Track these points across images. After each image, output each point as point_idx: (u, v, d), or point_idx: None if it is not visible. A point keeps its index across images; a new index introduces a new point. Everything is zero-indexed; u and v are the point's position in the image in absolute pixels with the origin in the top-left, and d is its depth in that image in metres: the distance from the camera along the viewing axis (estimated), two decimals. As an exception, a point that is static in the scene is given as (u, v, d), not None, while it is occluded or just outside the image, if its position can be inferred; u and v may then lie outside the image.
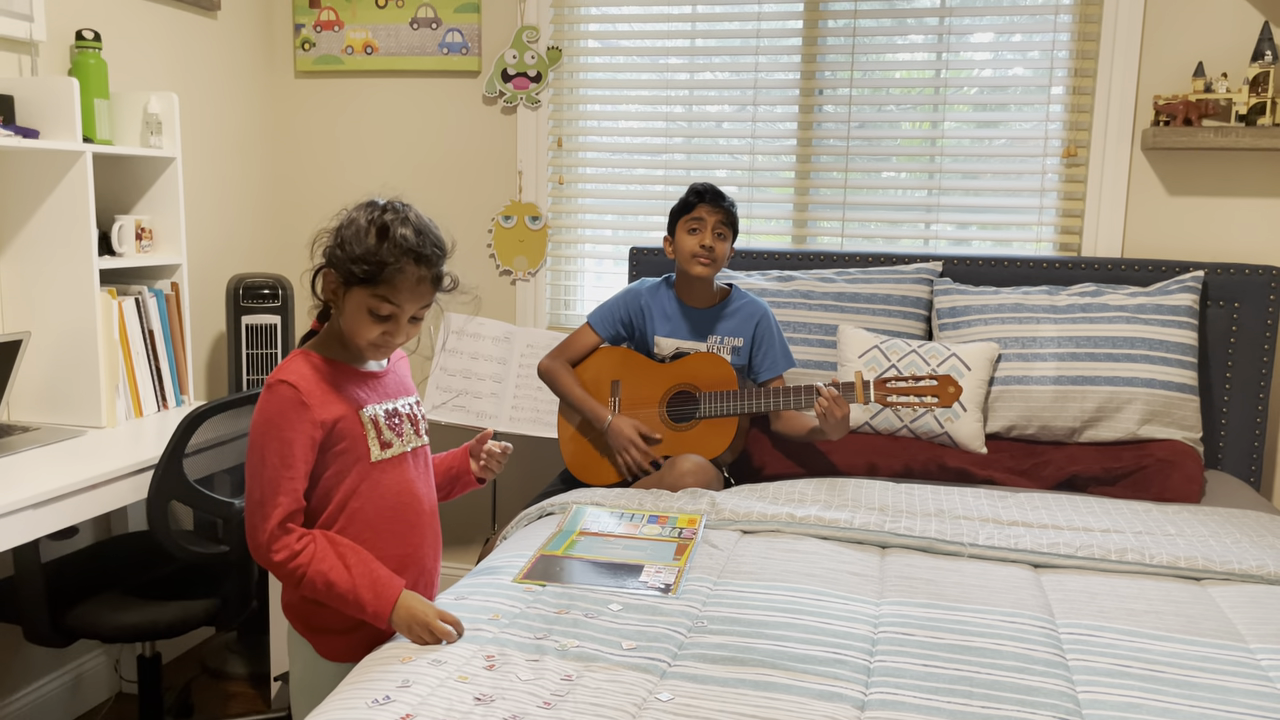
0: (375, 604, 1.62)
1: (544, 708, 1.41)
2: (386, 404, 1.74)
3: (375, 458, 1.70)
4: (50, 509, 1.98)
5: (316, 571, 1.62)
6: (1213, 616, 1.77)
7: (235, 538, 2.25)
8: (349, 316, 1.67)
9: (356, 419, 1.68)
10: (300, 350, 1.71)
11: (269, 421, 1.63)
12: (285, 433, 1.62)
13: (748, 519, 2.20)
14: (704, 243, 2.53)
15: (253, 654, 3.02)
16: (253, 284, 2.91)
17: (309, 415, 1.63)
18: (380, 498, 1.71)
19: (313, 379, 1.65)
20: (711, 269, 2.56)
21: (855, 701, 1.46)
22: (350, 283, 1.64)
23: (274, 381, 1.64)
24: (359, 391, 1.71)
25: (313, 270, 1.70)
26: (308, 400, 1.63)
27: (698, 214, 2.55)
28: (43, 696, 2.70)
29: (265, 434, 1.63)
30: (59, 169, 2.38)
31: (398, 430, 1.74)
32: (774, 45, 3.19)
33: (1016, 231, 3.11)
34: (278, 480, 1.62)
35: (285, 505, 1.62)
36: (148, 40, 2.94)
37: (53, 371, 2.46)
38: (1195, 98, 2.77)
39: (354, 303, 1.65)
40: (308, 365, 1.67)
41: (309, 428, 1.63)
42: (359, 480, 1.69)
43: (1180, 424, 2.63)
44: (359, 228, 1.64)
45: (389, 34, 3.40)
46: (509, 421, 3.07)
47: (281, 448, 1.62)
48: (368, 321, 1.66)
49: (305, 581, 1.63)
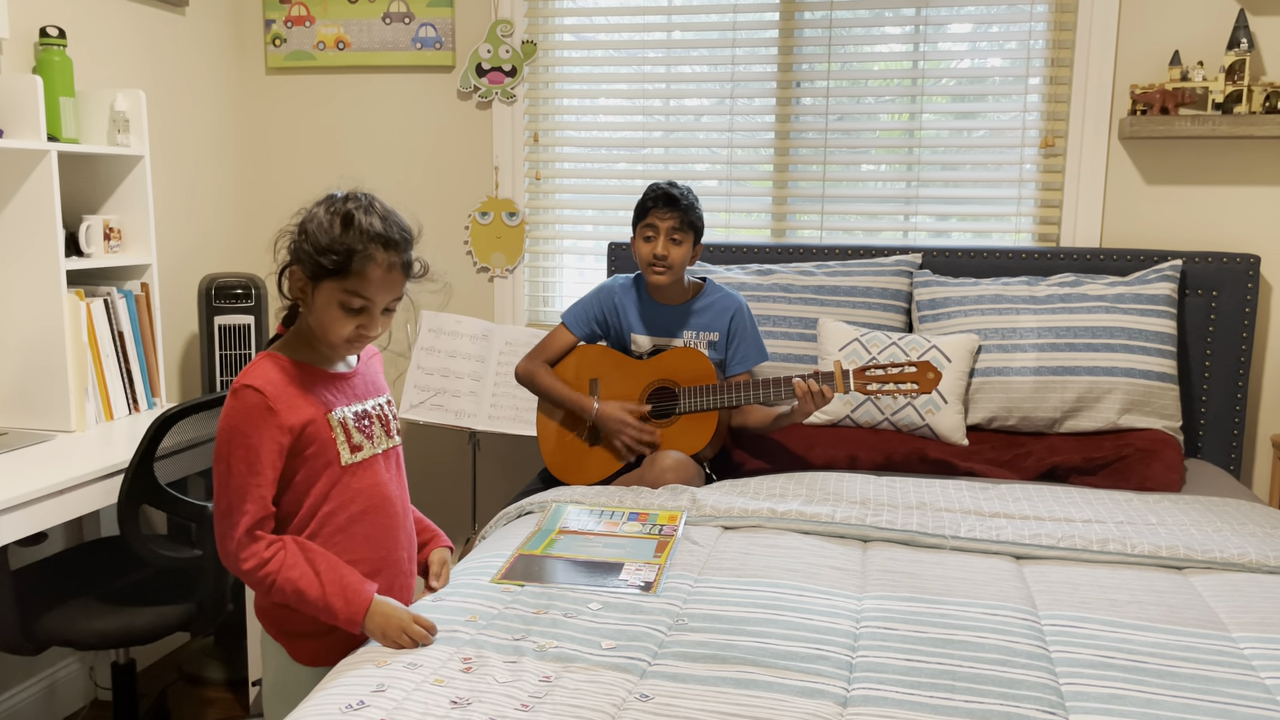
0: (347, 611, 1.59)
1: (522, 710, 1.39)
2: (355, 406, 1.71)
3: (345, 461, 1.67)
4: (18, 514, 1.95)
5: (285, 579, 1.59)
6: (1195, 606, 1.77)
7: (209, 542, 2.21)
8: (320, 313, 1.63)
9: (325, 423, 1.65)
10: (266, 353, 1.67)
11: (235, 428, 1.59)
12: (251, 439, 1.58)
13: (729, 515, 2.18)
14: (657, 252, 2.50)
15: (230, 659, 2.98)
16: (225, 284, 2.87)
17: (276, 420, 1.59)
18: (352, 501, 1.68)
19: (279, 383, 1.61)
20: (668, 275, 2.53)
21: (837, 698, 1.44)
22: (319, 277, 1.60)
23: (239, 386, 1.60)
24: (327, 394, 1.67)
25: (278, 270, 1.66)
26: (274, 405, 1.59)
27: (650, 220, 2.51)
28: (16, 706, 2.65)
29: (231, 441, 1.59)
30: (23, 168, 2.34)
31: (367, 433, 1.71)
32: (751, 37, 3.17)
33: (995, 223, 3.11)
34: (245, 488, 1.59)
35: (253, 513, 1.59)
36: (114, 37, 2.89)
37: (20, 375, 2.41)
38: (1172, 86, 2.77)
39: (324, 298, 1.61)
40: (274, 368, 1.63)
41: (276, 433, 1.59)
42: (330, 485, 1.66)
43: (1160, 413, 2.63)
44: (320, 220, 1.60)
45: (361, 29, 3.36)
46: (488, 420, 3.04)
47: (248, 454, 1.58)
48: (340, 317, 1.62)
49: (275, 589, 1.60)
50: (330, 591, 1.59)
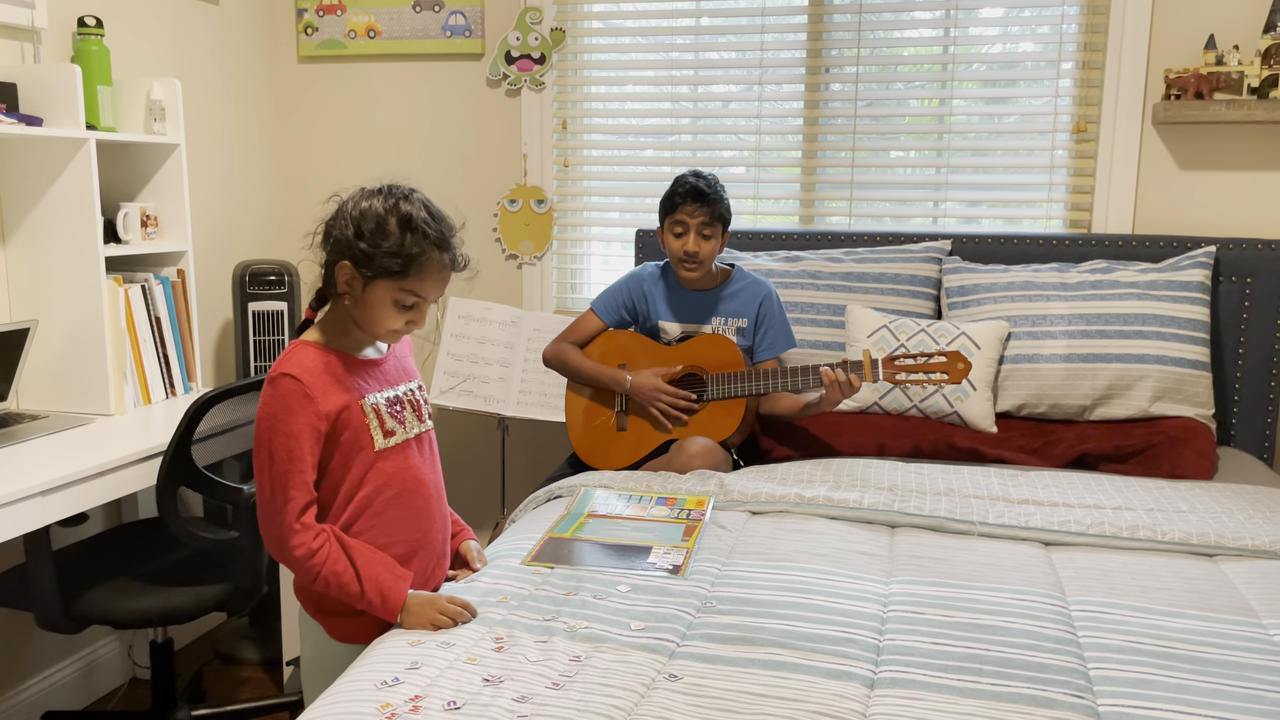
0: (383, 610, 1.65)
1: (553, 688, 1.41)
2: (388, 391, 1.74)
3: (379, 446, 1.69)
4: (60, 496, 1.99)
5: (331, 572, 1.63)
6: (1226, 592, 1.76)
7: (245, 523, 2.26)
8: (371, 309, 1.66)
9: (359, 409, 1.67)
10: (300, 341, 1.69)
11: (274, 416, 1.62)
12: (290, 426, 1.61)
13: (756, 500, 2.19)
14: (688, 249, 2.51)
15: (265, 639, 3.03)
16: (259, 270, 2.90)
17: (313, 407, 1.61)
18: (386, 486, 1.70)
19: (315, 370, 1.64)
20: (698, 271, 2.54)
21: (865, 680, 1.45)
22: (377, 276, 1.63)
23: (276, 375, 1.63)
24: (360, 380, 1.70)
25: (324, 263, 1.67)
26: (311, 392, 1.61)
27: (680, 216, 2.51)
28: (56, 683, 2.71)
29: (271, 429, 1.62)
30: (63, 157, 2.38)
31: (399, 418, 1.74)
32: (780, 23, 3.17)
33: (1026, 209, 3.09)
34: (288, 475, 1.61)
35: (298, 499, 1.62)
36: (149, 26, 2.93)
37: (60, 359, 2.46)
38: (1206, 71, 2.74)
39: (378, 295, 1.64)
40: (310, 356, 1.65)
41: (314, 419, 1.62)
42: (364, 469, 1.68)
43: (1192, 400, 2.61)
44: (378, 219, 1.62)
45: (392, 17, 3.38)
46: (516, 406, 3.07)
47: (288, 442, 1.61)
48: (392, 313, 1.66)
49: (319, 579, 1.64)
50: (368, 589, 1.64)
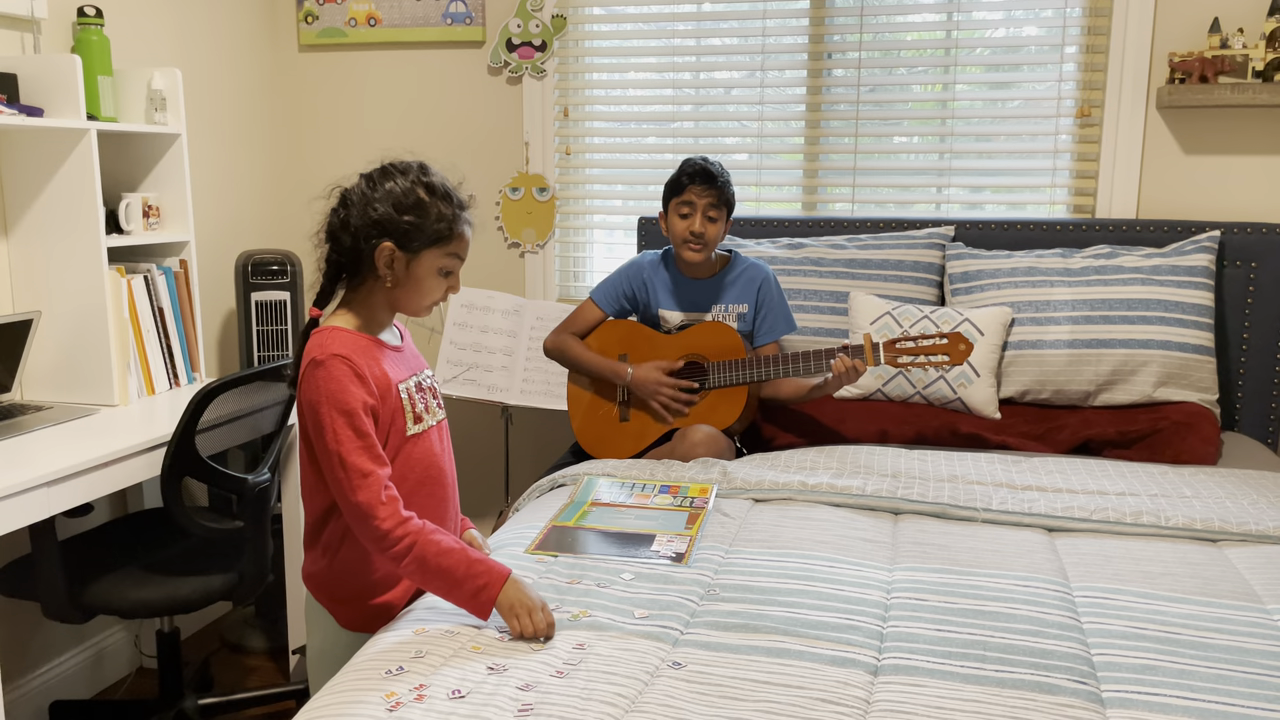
0: (488, 577, 1.54)
1: (556, 676, 1.41)
2: (414, 378, 1.74)
3: (410, 432, 1.69)
4: (65, 486, 1.99)
5: (429, 541, 1.55)
6: (1229, 578, 1.76)
7: (250, 513, 2.26)
8: (418, 282, 1.66)
9: (397, 393, 1.67)
10: (333, 327, 1.66)
11: (330, 397, 1.58)
12: (349, 404, 1.58)
13: (759, 487, 2.19)
14: (694, 229, 2.50)
15: (271, 628, 3.04)
16: (261, 260, 2.90)
17: (366, 387, 1.61)
18: (411, 470, 1.70)
19: (360, 350, 1.63)
20: (703, 253, 2.53)
21: (868, 667, 1.45)
22: (422, 247, 1.63)
23: (325, 357, 1.59)
24: (392, 366, 1.70)
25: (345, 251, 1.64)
26: (362, 372, 1.61)
27: (687, 197, 2.51)
28: (64, 672, 2.73)
29: (331, 410, 1.57)
30: (64, 147, 2.38)
31: (425, 404, 1.74)
32: (782, 9, 3.15)
33: (1029, 194, 3.08)
34: (358, 450, 1.57)
35: (378, 474, 1.57)
36: (149, 16, 2.92)
37: (64, 350, 2.46)
38: (1211, 54, 2.72)
39: (424, 267, 1.65)
40: (350, 339, 1.64)
41: (367, 398, 1.60)
42: (393, 454, 1.67)
43: (1196, 386, 2.60)
44: (409, 193, 1.63)
45: (392, 5, 3.37)
46: (520, 394, 3.07)
47: (350, 419, 1.58)
48: (438, 282, 1.68)
49: (413, 552, 1.55)
50: (474, 556, 1.56)
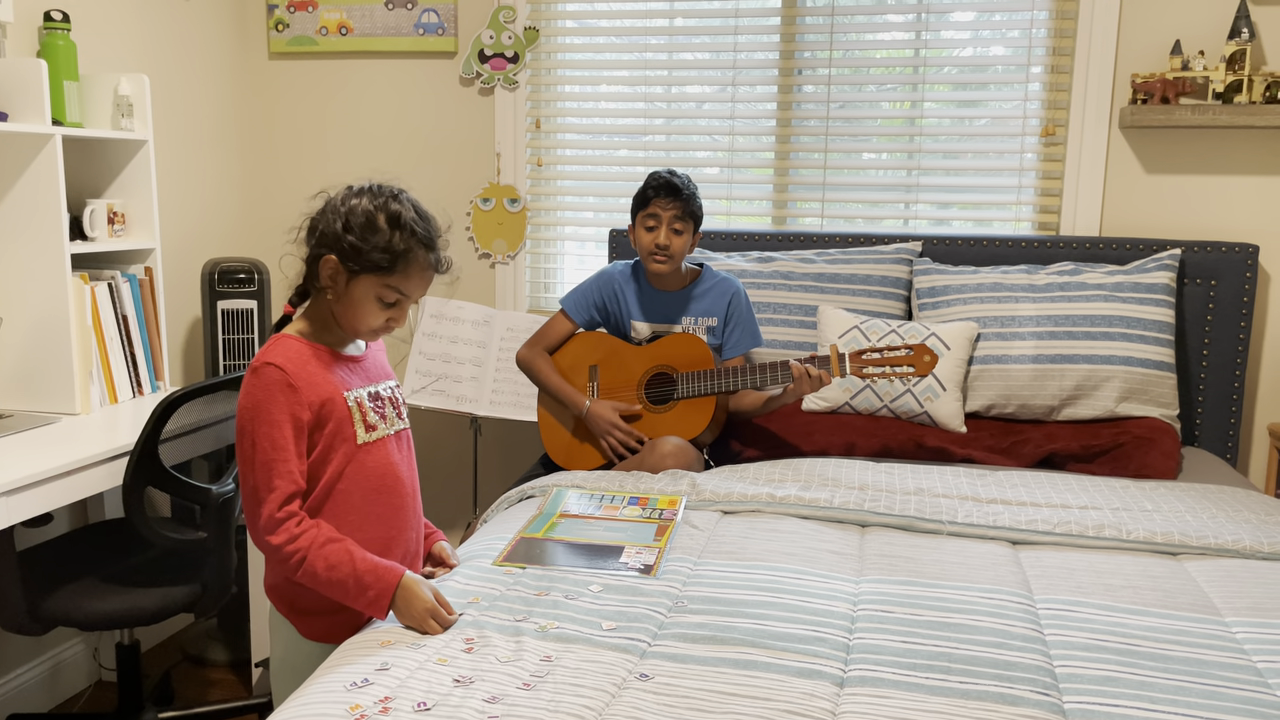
0: (378, 586, 1.60)
1: (523, 689, 1.41)
2: (369, 387, 1.74)
3: (361, 440, 1.69)
4: (24, 496, 1.96)
5: (319, 555, 1.60)
6: (1189, 591, 1.79)
7: (213, 524, 2.24)
8: (353, 304, 1.66)
9: (342, 401, 1.68)
10: (282, 334, 1.69)
11: (257, 405, 1.61)
12: (274, 415, 1.60)
13: (728, 499, 2.20)
14: (659, 241, 2.52)
15: (233, 640, 3.00)
16: (228, 268, 2.88)
17: (297, 397, 1.61)
18: (365, 480, 1.70)
19: (299, 361, 1.64)
20: (669, 265, 2.55)
21: (834, 679, 1.46)
22: (362, 270, 1.63)
23: (260, 364, 1.62)
24: (343, 375, 1.70)
25: (307, 256, 1.67)
26: (295, 382, 1.61)
27: (653, 210, 2.52)
28: (21, 685, 2.68)
29: (254, 418, 1.61)
30: (28, 152, 2.35)
31: (381, 413, 1.74)
32: (753, 25, 3.18)
33: (995, 211, 3.12)
34: (271, 464, 1.60)
35: (281, 488, 1.60)
36: (117, 21, 2.90)
37: (25, 357, 2.43)
38: (1173, 76, 2.77)
39: (361, 290, 1.65)
40: (293, 348, 1.65)
41: (297, 409, 1.61)
42: (344, 463, 1.68)
43: (1158, 401, 2.64)
44: (367, 214, 1.63)
45: (364, 14, 3.36)
46: (489, 405, 3.06)
47: (271, 431, 1.60)
48: (375, 309, 1.67)
49: (305, 565, 1.60)
50: (362, 568, 1.60)
